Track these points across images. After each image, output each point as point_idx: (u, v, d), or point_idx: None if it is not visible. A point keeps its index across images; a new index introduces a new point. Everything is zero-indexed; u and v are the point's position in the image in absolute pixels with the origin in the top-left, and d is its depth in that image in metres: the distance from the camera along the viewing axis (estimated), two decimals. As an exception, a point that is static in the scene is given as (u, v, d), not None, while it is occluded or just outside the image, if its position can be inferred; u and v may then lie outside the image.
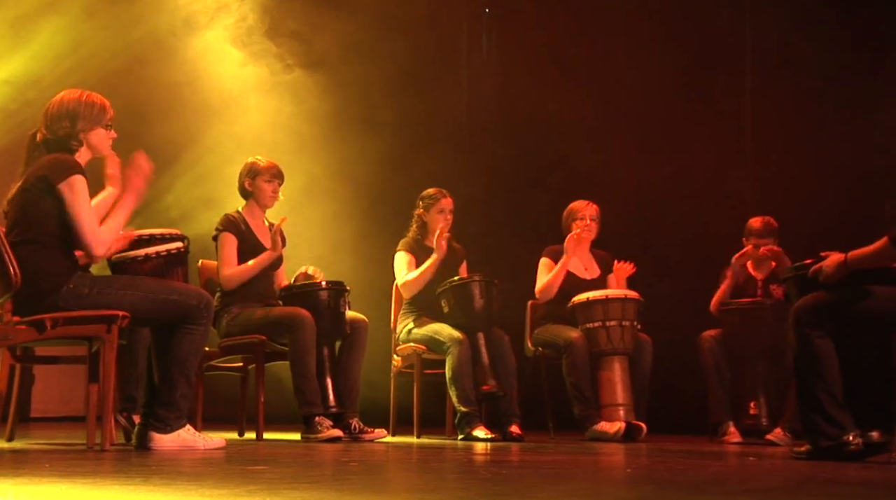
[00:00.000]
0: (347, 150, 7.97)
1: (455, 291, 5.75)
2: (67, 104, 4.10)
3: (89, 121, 4.11)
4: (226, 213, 5.47)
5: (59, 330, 3.96)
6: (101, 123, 4.14)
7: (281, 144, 7.77)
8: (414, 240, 6.05)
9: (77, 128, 4.08)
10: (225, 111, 7.95)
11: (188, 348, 4.11)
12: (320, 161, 7.92)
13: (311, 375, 5.07)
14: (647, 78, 7.59)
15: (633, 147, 7.61)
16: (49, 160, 4.01)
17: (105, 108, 4.17)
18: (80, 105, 4.10)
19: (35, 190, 3.97)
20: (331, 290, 5.28)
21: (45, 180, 3.96)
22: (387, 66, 7.96)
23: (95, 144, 4.15)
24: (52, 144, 4.08)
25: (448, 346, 5.62)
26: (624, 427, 5.62)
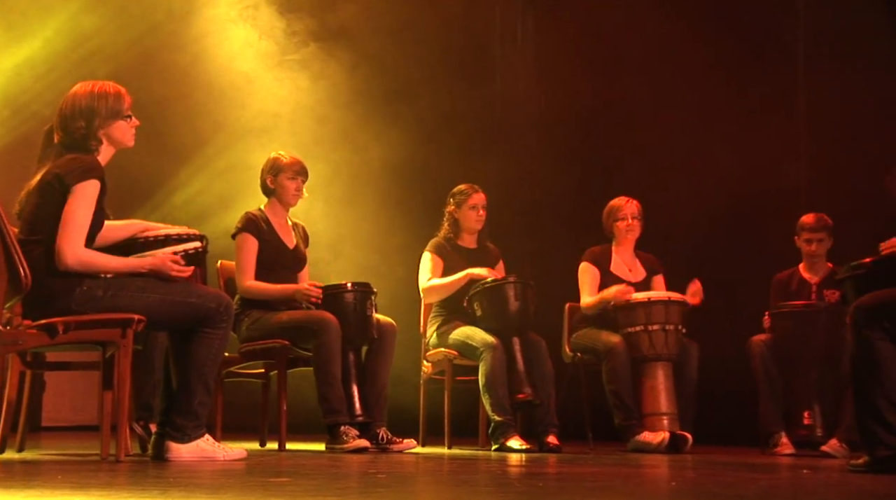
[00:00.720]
0: (372, 140, 7.98)
1: (489, 293, 5.74)
2: (80, 101, 4.10)
3: (106, 116, 4.11)
4: (246, 211, 5.48)
5: (71, 335, 3.97)
6: (119, 115, 4.14)
7: (302, 133, 7.79)
8: (445, 239, 6.05)
9: (94, 126, 4.08)
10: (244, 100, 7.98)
11: (207, 354, 4.12)
12: (343, 153, 7.93)
13: (337, 382, 5.07)
14: (695, 68, 7.54)
15: (679, 142, 7.58)
16: (68, 160, 4.01)
17: (121, 97, 4.16)
18: (93, 100, 4.10)
19: (49, 189, 3.98)
20: (357, 292, 5.29)
21: (60, 180, 3.97)
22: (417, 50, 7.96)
23: (118, 137, 4.16)
24: (71, 146, 4.08)
25: (481, 351, 5.61)
26: (668, 438, 5.59)
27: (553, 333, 6.15)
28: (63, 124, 4.10)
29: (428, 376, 6.08)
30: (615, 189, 6.41)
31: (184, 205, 7.65)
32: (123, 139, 4.17)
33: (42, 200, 4.00)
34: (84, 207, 3.96)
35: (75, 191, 3.95)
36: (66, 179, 3.96)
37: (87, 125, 4.08)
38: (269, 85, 8.03)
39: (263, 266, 5.40)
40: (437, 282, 5.93)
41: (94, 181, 3.98)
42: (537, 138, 8.10)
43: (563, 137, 7.89)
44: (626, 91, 7.61)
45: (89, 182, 3.96)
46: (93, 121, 4.08)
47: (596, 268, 6.10)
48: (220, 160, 7.86)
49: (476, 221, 6.04)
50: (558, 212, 7.80)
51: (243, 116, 7.96)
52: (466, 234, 6.08)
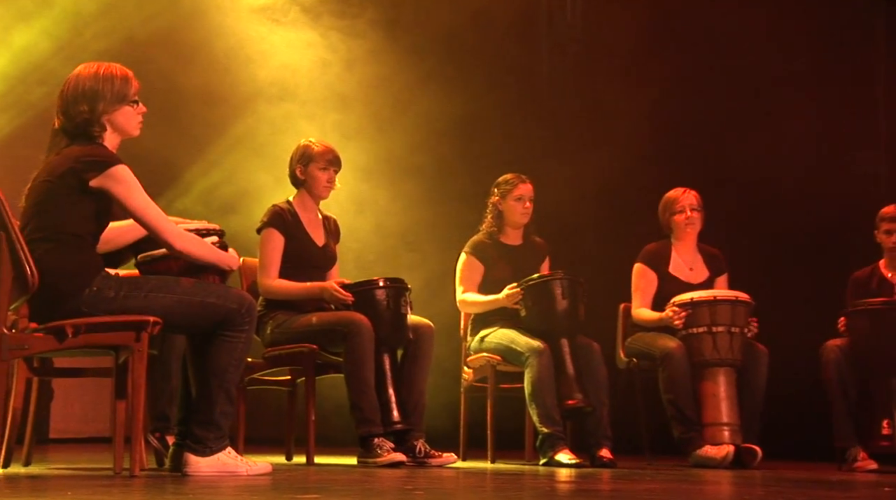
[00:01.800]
0: (410, 126, 7.97)
1: (534, 291, 5.73)
2: (84, 83, 4.10)
3: (112, 100, 4.10)
4: (273, 204, 5.49)
5: (81, 338, 3.98)
6: (125, 99, 4.14)
7: (334, 119, 7.79)
8: (487, 235, 6.04)
9: (98, 111, 4.08)
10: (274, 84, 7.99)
11: (228, 359, 4.12)
12: (377, 140, 7.94)
13: (370, 389, 5.07)
14: (767, 51, 7.50)
15: (744, 128, 7.53)
16: (77, 153, 4.01)
17: (128, 80, 4.16)
18: (98, 82, 4.10)
19: (61, 185, 3.98)
20: (390, 289, 5.28)
21: (74, 175, 3.97)
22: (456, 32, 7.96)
23: (122, 124, 4.15)
24: (72, 132, 4.09)
25: (527, 356, 5.59)
26: (733, 452, 5.56)
27: (606, 336, 6.14)
28: (64, 108, 4.09)
29: (469, 384, 6.07)
30: (674, 179, 6.39)
31: (204, 197, 7.69)
32: (128, 127, 4.17)
33: (52, 195, 4.00)
34: (137, 192, 4.00)
35: (111, 185, 3.95)
36: (81, 172, 3.96)
37: (91, 109, 4.07)
38: (302, 69, 8.04)
39: (290, 264, 5.40)
40: (471, 298, 5.94)
41: (121, 166, 3.98)
42: (586, 124, 8.08)
43: (616, 123, 7.86)
44: (689, 74, 7.57)
45: (116, 168, 3.96)
46: (97, 105, 4.08)
47: (652, 271, 6.08)
48: (244, 148, 7.87)
49: (522, 215, 6.02)
50: (612, 203, 7.76)
51: (272, 101, 7.97)
52: (510, 228, 6.06)
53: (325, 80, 8.02)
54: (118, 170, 3.98)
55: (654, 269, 6.08)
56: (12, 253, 3.86)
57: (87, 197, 3.98)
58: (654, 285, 6.06)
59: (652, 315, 5.98)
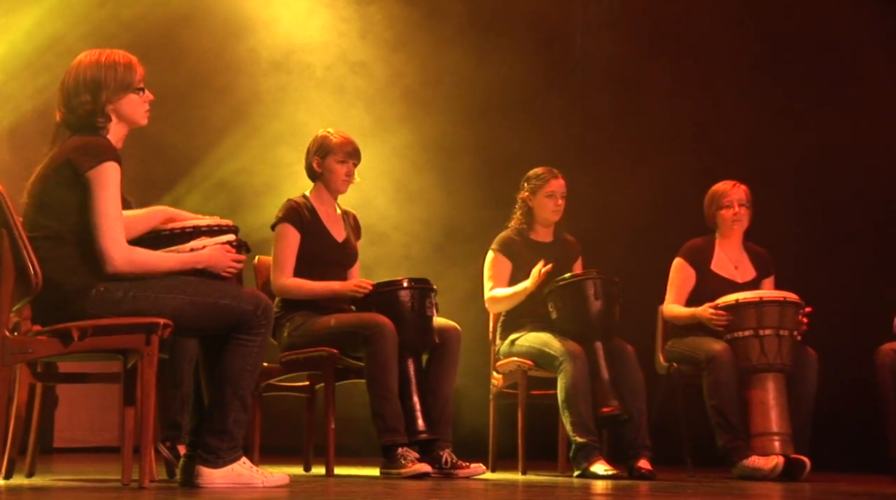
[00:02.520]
0: (435, 116, 7.97)
1: (565, 291, 5.72)
2: (85, 72, 4.10)
3: (115, 89, 4.10)
4: (288, 198, 5.51)
5: (87, 342, 3.98)
6: (130, 87, 4.14)
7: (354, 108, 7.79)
8: (516, 232, 6.04)
9: (101, 101, 4.08)
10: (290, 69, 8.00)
11: (243, 364, 4.12)
12: (400, 131, 7.93)
13: (393, 396, 5.07)
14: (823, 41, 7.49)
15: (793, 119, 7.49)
16: (76, 143, 4.02)
17: (132, 67, 4.16)
18: (100, 71, 4.10)
19: (57, 177, 3.99)
20: (414, 290, 5.28)
21: (70, 167, 3.98)
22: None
23: (129, 113, 4.15)
24: (74, 124, 4.09)
25: (560, 361, 5.58)
26: (782, 463, 5.54)
27: (644, 339, 6.12)
28: (66, 99, 4.10)
29: (498, 390, 6.07)
30: (717, 171, 6.36)
31: (216, 191, 7.69)
32: (135, 115, 4.17)
33: (51, 189, 4.01)
34: (111, 197, 3.97)
35: (93, 180, 3.95)
36: (76, 163, 3.96)
37: (94, 100, 4.07)
38: (322, 53, 8.05)
39: (307, 262, 5.41)
40: (499, 293, 5.94)
41: (112, 164, 3.98)
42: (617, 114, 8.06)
43: (652, 110, 7.84)
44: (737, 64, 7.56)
45: (105, 166, 3.96)
46: (100, 94, 4.08)
47: (691, 268, 6.07)
48: (259, 138, 7.88)
49: (553, 212, 6.01)
50: (651, 197, 7.73)
51: (288, 88, 7.98)
52: (541, 226, 6.06)
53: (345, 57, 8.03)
54: (107, 167, 3.96)
55: (694, 266, 6.06)
56: (14, 252, 3.86)
57: (84, 191, 3.97)
58: (691, 283, 6.05)
59: (684, 310, 5.95)
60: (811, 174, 7.44)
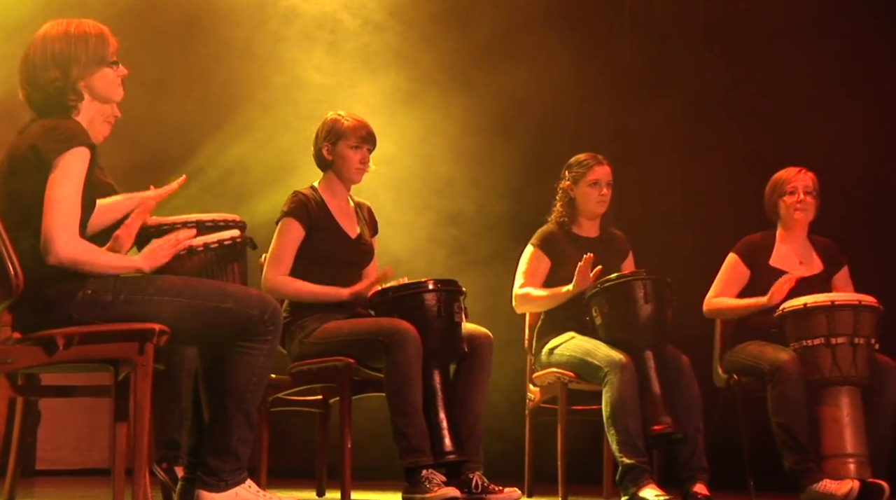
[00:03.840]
0: (462, 99, 7.97)
1: (611, 293, 5.71)
2: (53, 45, 4.10)
3: (87, 62, 4.11)
4: (295, 190, 5.52)
5: (74, 350, 3.99)
6: (103, 61, 4.14)
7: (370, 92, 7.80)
8: (557, 225, 6.05)
9: (72, 77, 4.09)
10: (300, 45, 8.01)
11: (248, 376, 4.12)
12: (424, 115, 7.93)
13: (417, 411, 5.06)
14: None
15: (860, 103, 7.48)
16: (42, 127, 4.03)
17: (104, 38, 4.16)
18: (70, 43, 4.10)
19: (25, 165, 3.99)
20: (441, 292, 5.27)
21: (35, 152, 3.97)
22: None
23: (102, 90, 4.16)
24: (40, 103, 4.10)
25: (605, 371, 5.57)
26: (857, 487, 5.52)
27: (700, 347, 6.13)
28: (30, 77, 4.10)
29: (535, 405, 6.07)
30: (778, 160, 6.36)
31: (219, 181, 7.70)
32: (108, 91, 4.19)
33: (17, 180, 4.02)
34: (72, 185, 3.96)
35: (58, 166, 3.95)
36: (43, 148, 3.96)
37: (64, 75, 4.08)
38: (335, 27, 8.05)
39: (317, 261, 5.43)
40: (531, 292, 5.95)
41: (80, 149, 3.98)
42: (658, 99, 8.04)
43: (706, 96, 7.83)
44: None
45: (73, 151, 3.96)
46: (70, 70, 4.08)
47: (745, 266, 6.12)
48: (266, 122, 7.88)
49: (597, 203, 6.01)
50: (706, 190, 7.71)
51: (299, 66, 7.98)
52: (585, 218, 6.06)
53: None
54: (73, 153, 3.96)
55: (749, 263, 6.09)
56: (-9, 250, 3.86)
57: None
58: (742, 282, 6.09)
59: (735, 301, 5.95)
60: (883, 162, 7.42)
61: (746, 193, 6.50)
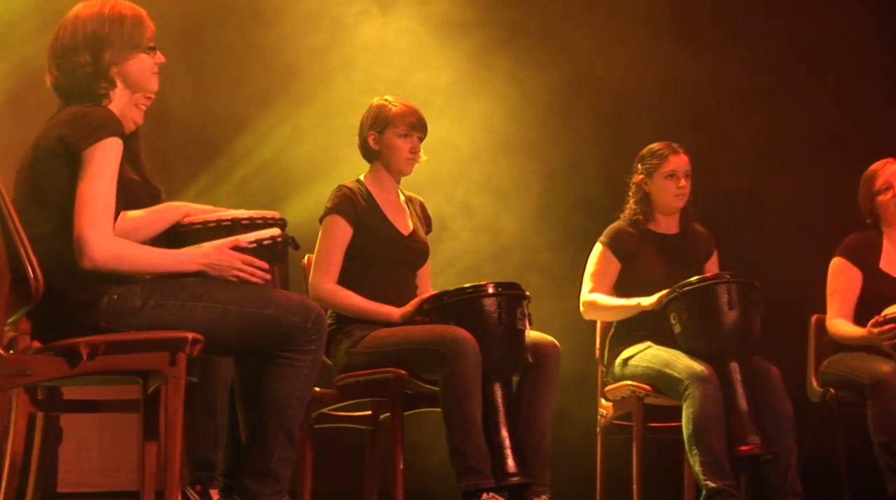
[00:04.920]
0: (524, 82, 7.97)
1: (692, 299, 5.70)
2: (85, 26, 4.13)
3: (121, 47, 4.13)
4: (340, 185, 5.53)
5: (99, 361, 4.00)
6: (139, 46, 4.17)
7: (426, 73, 7.81)
8: (630, 223, 6.05)
9: (104, 61, 4.11)
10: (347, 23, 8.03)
11: (290, 389, 4.14)
12: (480, 100, 7.92)
13: (476, 428, 5.05)
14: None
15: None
16: (71, 115, 4.05)
17: (142, 21, 4.19)
18: (103, 25, 4.13)
19: (51, 157, 4.02)
20: (502, 297, 5.27)
21: (63, 143, 3.99)
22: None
23: (136, 77, 4.19)
24: (68, 90, 4.13)
25: (686, 385, 5.56)
26: (969, 514, 5.49)
27: (793, 358, 6.11)
28: (59, 60, 4.12)
29: (608, 422, 6.07)
30: (873, 152, 6.33)
31: (256, 175, 7.72)
32: (143, 80, 4.21)
33: (41, 172, 4.04)
34: (105, 179, 3.97)
35: (88, 158, 3.96)
36: (71, 139, 3.98)
37: (95, 60, 4.10)
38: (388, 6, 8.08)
39: (366, 262, 5.45)
40: (599, 299, 5.95)
41: (113, 141, 3.99)
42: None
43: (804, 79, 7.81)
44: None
45: (105, 142, 3.98)
46: (103, 54, 4.11)
47: (856, 268, 6.05)
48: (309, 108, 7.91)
49: (676, 197, 6.00)
50: (799, 182, 7.68)
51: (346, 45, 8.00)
52: (661, 215, 6.06)
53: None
54: (105, 144, 3.97)
55: (860, 265, 6.03)
56: (9, 251, 3.88)
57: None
58: (858, 287, 6.02)
59: (854, 331, 5.90)
60: None
61: (846, 185, 6.45)
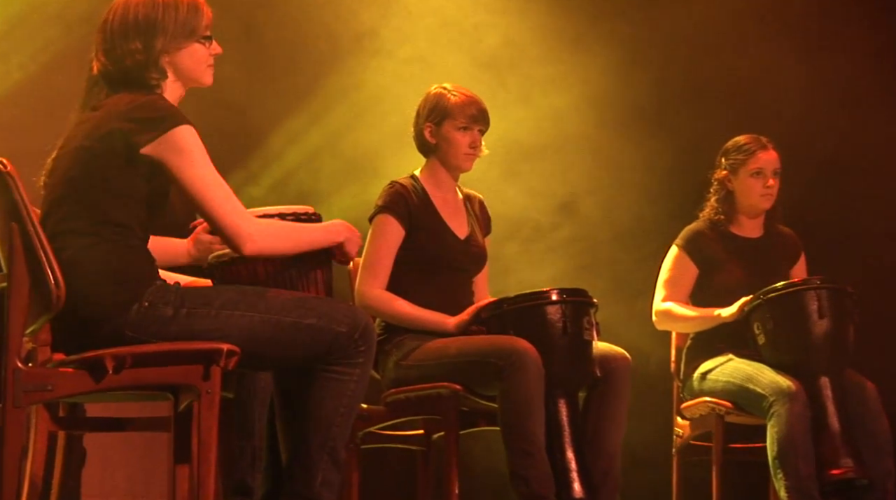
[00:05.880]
0: (592, 72, 7.97)
1: (778, 306, 5.70)
2: (136, 11, 4.15)
3: (175, 34, 4.16)
4: (392, 181, 5.54)
5: (125, 375, 4.00)
6: (194, 34, 4.19)
7: (487, 58, 7.82)
8: (710, 224, 6.07)
9: (156, 49, 4.14)
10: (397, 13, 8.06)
11: (335, 406, 4.15)
12: (548, 92, 7.93)
13: (539, 449, 5.05)
14: None
15: None
16: (125, 105, 4.06)
17: (198, 8, 4.22)
18: (156, 9, 4.15)
19: (102, 151, 4.02)
20: (567, 304, 5.26)
21: (121, 137, 4.01)
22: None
23: (190, 68, 4.21)
24: (117, 78, 4.14)
25: (771, 401, 5.57)
26: None
27: (890, 372, 6.12)
28: (108, 46, 4.15)
29: (684, 442, 6.08)
30: None
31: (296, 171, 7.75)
32: (197, 72, 4.23)
33: (91, 166, 4.04)
34: (202, 166, 4.04)
35: (167, 154, 3.98)
36: (130, 132, 3.99)
37: (146, 48, 4.13)
38: None
39: (418, 267, 5.46)
40: (674, 309, 5.96)
41: (186, 127, 4.03)
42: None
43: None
44: None
45: (179, 130, 4.00)
46: (154, 41, 4.13)
47: None
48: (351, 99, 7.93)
49: (762, 197, 6.00)
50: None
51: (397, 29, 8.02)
52: (745, 216, 6.07)
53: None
54: (181, 132, 4.01)
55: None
56: (29, 254, 3.90)
57: (138, 170, 4.02)
58: None
59: None
60: None
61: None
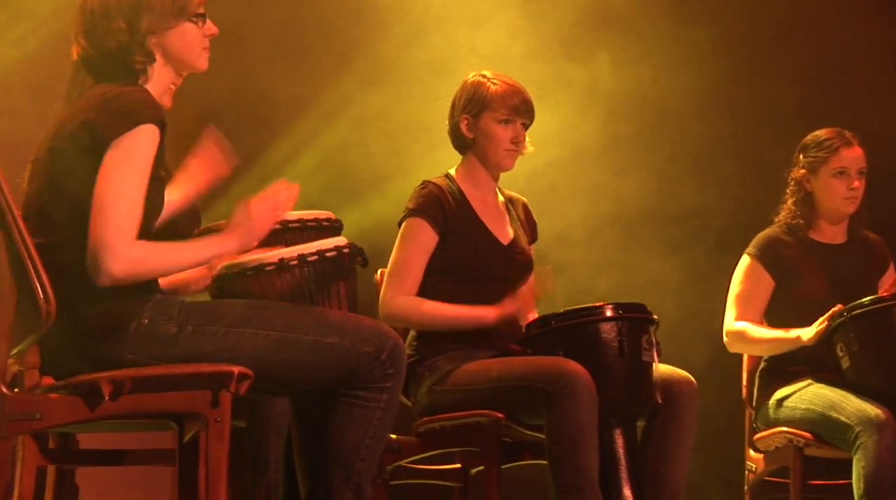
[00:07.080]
0: (657, 61, 7.98)
1: (863, 324, 5.70)
2: None
3: (162, 12, 4.17)
4: (425, 180, 5.55)
5: (124, 402, 4.02)
6: (184, 12, 4.20)
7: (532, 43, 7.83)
8: (787, 229, 6.07)
9: (141, 30, 4.14)
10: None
11: (360, 436, 4.16)
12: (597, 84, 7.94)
13: (592, 485, 5.05)
14: None
15: None
16: (100, 96, 4.07)
17: None
18: None
19: (72, 146, 4.04)
20: (623, 321, 5.27)
21: (89, 129, 4.01)
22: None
23: (181, 50, 4.23)
24: (99, 64, 4.16)
25: (856, 432, 5.56)
26: None
27: None
28: (88, 28, 4.16)
29: (758, 478, 6.08)
30: None
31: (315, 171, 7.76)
32: (189, 55, 4.25)
33: (61, 167, 4.05)
34: (133, 175, 3.98)
35: (116, 147, 3.97)
36: (102, 128, 4.00)
37: (131, 28, 4.13)
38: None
39: (455, 276, 5.48)
40: (748, 330, 5.97)
41: (148, 128, 4.00)
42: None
43: None
44: None
45: (139, 130, 3.99)
46: (139, 20, 4.14)
47: None
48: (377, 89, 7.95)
49: (846, 200, 6.00)
50: None
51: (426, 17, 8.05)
52: (826, 221, 6.07)
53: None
54: (142, 132, 3.98)
55: None
56: (15, 266, 3.91)
57: None
58: None
59: None
60: None
61: None
